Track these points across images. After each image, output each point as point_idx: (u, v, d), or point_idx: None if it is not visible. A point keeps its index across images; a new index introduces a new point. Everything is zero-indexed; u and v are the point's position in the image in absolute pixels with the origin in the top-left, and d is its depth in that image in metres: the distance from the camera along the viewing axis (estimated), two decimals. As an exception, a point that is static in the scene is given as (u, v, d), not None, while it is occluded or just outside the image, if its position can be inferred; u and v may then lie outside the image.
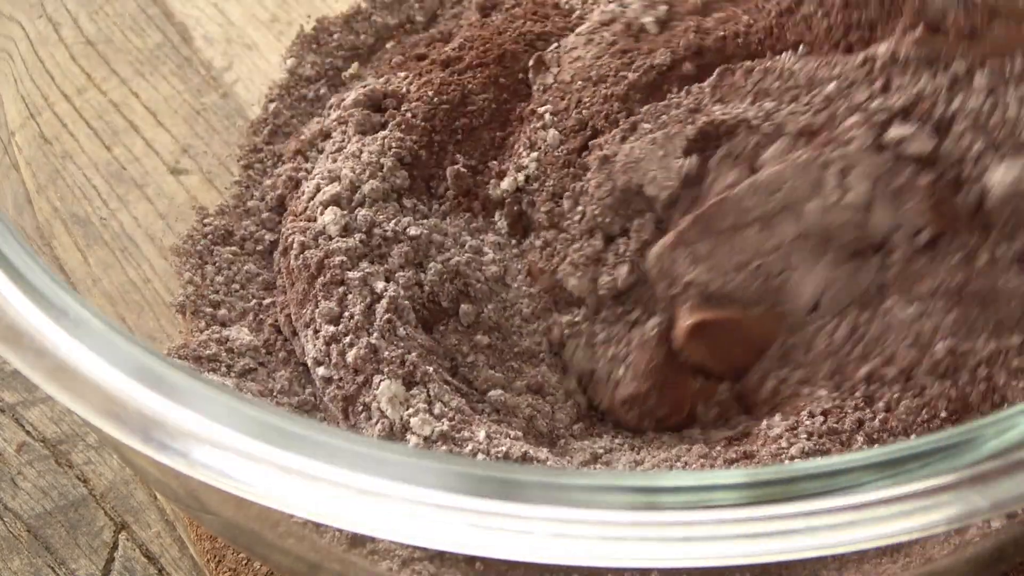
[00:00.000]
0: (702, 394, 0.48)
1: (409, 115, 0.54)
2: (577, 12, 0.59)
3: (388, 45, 0.63)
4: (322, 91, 0.61)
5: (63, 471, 0.52)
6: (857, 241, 0.46)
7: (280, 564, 0.43)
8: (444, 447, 0.44)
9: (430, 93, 0.55)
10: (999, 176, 0.45)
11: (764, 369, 0.47)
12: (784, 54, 0.50)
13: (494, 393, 0.47)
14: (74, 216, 0.55)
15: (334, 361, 0.47)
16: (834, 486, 0.31)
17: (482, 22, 0.60)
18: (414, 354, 0.46)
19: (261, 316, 0.52)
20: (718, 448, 0.45)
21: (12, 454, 0.52)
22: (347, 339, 0.47)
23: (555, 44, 0.56)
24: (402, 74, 0.57)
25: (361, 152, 0.53)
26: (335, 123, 0.55)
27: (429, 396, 0.45)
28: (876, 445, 0.43)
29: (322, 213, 0.50)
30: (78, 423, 0.53)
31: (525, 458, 0.43)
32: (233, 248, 0.55)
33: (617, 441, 0.47)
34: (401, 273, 0.49)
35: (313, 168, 0.55)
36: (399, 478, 0.31)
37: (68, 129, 0.58)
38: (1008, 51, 0.46)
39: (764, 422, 0.46)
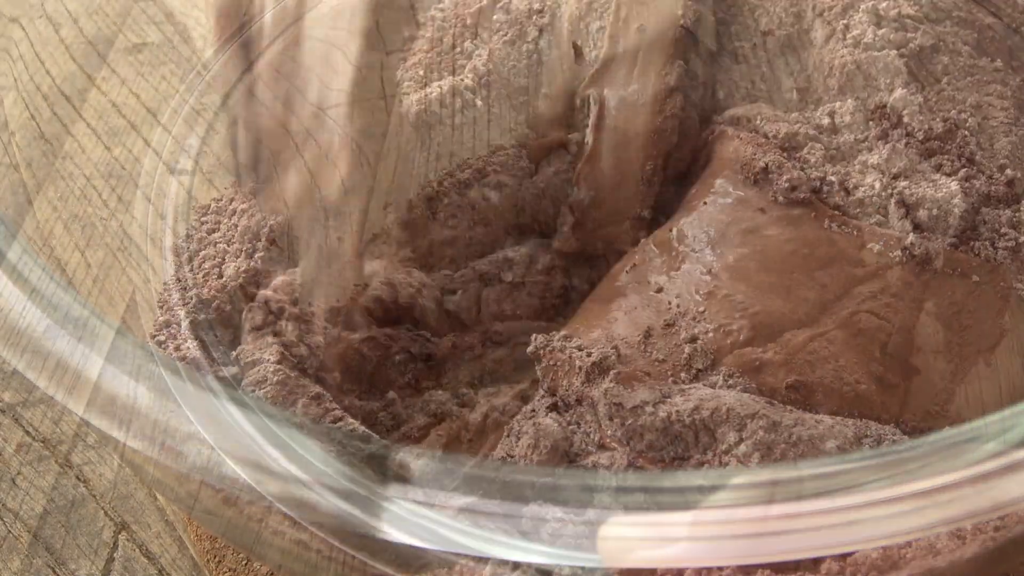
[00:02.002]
0: None
1: None
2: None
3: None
4: (322, 91, 0.61)
5: (63, 471, 0.52)
6: None
7: (280, 564, 0.43)
8: None
9: None
10: None
11: None
12: None
13: None
14: (74, 216, 0.55)
15: None
16: (834, 486, 0.31)
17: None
18: None
19: None
20: None
21: (12, 454, 0.52)
22: None
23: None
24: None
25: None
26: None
27: None
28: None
29: None
30: (78, 423, 0.53)
31: None
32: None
33: None
34: None
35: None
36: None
37: (68, 129, 0.58)
38: None
39: None
